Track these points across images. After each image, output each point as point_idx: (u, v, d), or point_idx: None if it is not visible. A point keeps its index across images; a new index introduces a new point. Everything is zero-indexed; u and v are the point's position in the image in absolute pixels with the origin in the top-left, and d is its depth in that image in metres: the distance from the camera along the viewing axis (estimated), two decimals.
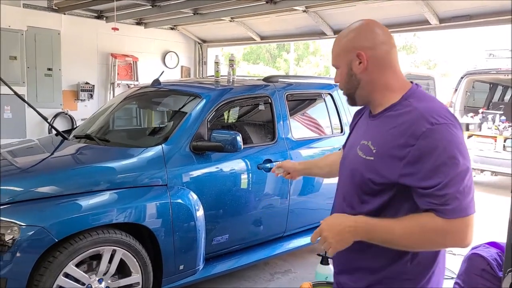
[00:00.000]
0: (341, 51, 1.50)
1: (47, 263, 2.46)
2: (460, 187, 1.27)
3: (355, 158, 1.47)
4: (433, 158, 1.27)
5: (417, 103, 1.37)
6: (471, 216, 1.30)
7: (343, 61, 1.49)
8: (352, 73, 1.47)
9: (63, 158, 3.25)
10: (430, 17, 5.16)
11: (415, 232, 1.31)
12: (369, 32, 1.47)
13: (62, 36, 6.96)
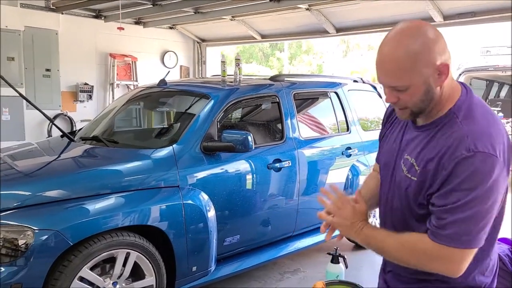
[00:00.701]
0: (411, 65, 1.22)
1: (62, 267, 2.43)
2: (464, 216, 1.19)
3: (401, 173, 1.37)
4: (455, 181, 1.19)
5: (464, 122, 1.25)
6: (469, 250, 1.22)
7: (417, 79, 1.23)
8: (431, 88, 1.25)
9: (73, 160, 3.21)
10: (434, 14, 5.17)
11: (406, 248, 1.28)
12: (437, 34, 1.25)
13: (60, 36, 6.89)
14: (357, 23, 6.32)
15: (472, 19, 5.07)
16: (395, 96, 1.28)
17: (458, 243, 1.21)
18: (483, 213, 1.20)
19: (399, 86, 1.26)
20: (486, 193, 1.18)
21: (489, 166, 1.18)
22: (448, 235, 1.21)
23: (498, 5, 4.83)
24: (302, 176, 3.65)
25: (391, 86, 1.27)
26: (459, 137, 1.22)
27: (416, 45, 1.21)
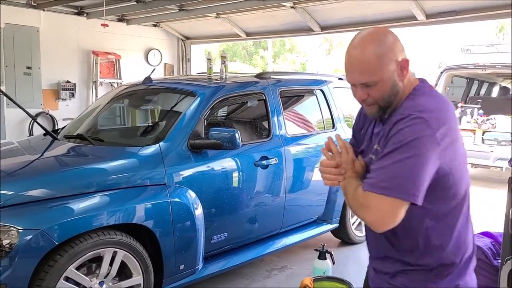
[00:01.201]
0: (379, 63, 1.37)
1: (47, 267, 2.39)
2: (387, 164, 1.29)
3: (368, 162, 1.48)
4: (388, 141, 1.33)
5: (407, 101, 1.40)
6: (388, 198, 1.27)
7: (385, 74, 1.38)
8: (395, 83, 1.40)
9: (58, 158, 3.16)
10: (417, 13, 5.23)
11: (353, 197, 1.38)
12: (394, 37, 1.43)
13: (41, 33, 6.78)
14: (341, 21, 6.36)
15: (454, 17, 5.14)
16: (365, 92, 1.41)
17: (375, 189, 1.29)
18: (405, 164, 1.27)
19: (369, 81, 1.38)
20: (409, 147, 1.27)
21: (417, 126, 1.29)
22: (369, 182, 1.32)
23: (479, 4, 4.92)
24: (288, 173, 3.67)
25: (362, 83, 1.40)
26: (400, 111, 1.37)
27: (380, 46, 1.37)
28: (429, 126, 1.29)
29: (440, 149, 1.29)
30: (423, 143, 1.27)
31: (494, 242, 3.25)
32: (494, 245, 3.22)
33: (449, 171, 1.35)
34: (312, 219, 4.21)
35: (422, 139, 1.28)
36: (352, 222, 4.50)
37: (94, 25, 7.17)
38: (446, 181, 1.36)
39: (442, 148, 1.30)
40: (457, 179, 1.39)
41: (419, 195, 1.27)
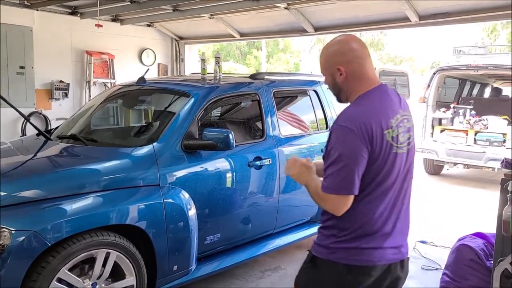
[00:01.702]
0: (326, 64, 1.87)
1: (40, 269, 2.39)
2: (333, 171, 1.72)
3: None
4: (328, 148, 1.76)
5: (347, 108, 1.82)
6: (338, 196, 1.73)
7: (328, 72, 1.87)
8: (335, 82, 1.85)
9: (51, 159, 3.14)
10: (410, 14, 5.26)
11: (313, 192, 1.83)
12: (347, 49, 1.82)
13: (34, 33, 6.73)
14: (335, 22, 6.37)
15: (446, 19, 5.17)
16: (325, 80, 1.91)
17: (329, 190, 1.74)
18: (339, 167, 1.70)
19: (322, 73, 1.91)
20: (339, 154, 1.70)
21: (342, 135, 1.71)
22: (324, 185, 1.76)
23: (471, 6, 4.95)
24: (282, 174, 3.67)
25: (321, 73, 1.92)
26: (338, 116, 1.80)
27: (333, 49, 1.86)
28: (354, 133, 1.69)
29: (361, 144, 1.70)
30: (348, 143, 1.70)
31: (486, 243, 3.28)
32: (486, 246, 3.25)
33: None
34: (306, 219, 4.22)
35: (351, 146, 1.70)
36: None
37: (88, 25, 7.14)
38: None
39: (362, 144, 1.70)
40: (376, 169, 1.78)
41: (356, 188, 1.73)
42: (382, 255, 1.81)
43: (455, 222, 5.78)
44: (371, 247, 1.80)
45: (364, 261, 1.79)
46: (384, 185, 1.79)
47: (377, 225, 1.81)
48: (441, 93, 9.29)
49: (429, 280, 3.84)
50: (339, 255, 1.81)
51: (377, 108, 1.77)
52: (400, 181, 1.88)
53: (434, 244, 4.88)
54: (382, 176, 1.77)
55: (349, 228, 1.81)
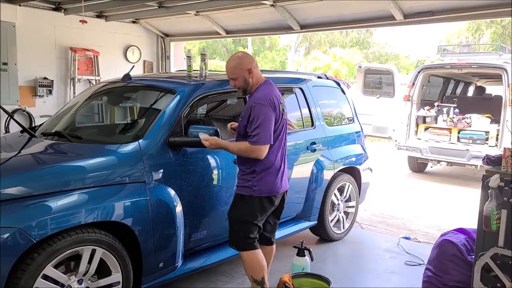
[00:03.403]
0: (239, 68, 2.93)
1: (25, 266, 2.37)
2: (258, 132, 2.80)
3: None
4: (251, 117, 2.83)
5: (255, 93, 2.96)
6: (264, 146, 2.84)
7: (241, 74, 2.94)
8: (247, 80, 2.96)
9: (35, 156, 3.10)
10: (395, 12, 5.31)
11: (241, 148, 2.92)
12: (251, 58, 3.06)
13: (17, 28, 6.62)
14: (321, 20, 6.40)
15: (431, 18, 5.24)
16: (233, 83, 3.00)
17: (256, 143, 2.82)
18: (263, 127, 2.81)
19: (232, 77, 2.99)
20: (262, 119, 2.82)
21: (261, 108, 2.84)
22: (253, 140, 2.82)
23: (455, 5, 5.02)
24: None
25: (230, 78, 3.00)
26: (253, 98, 2.93)
27: (241, 59, 2.99)
28: (266, 106, 2.85)
29: (272, 112, 2.87)
30: (266, 115, 2.83)
31: (468, 238, 3.34)
32: (468, 241, 3.31)
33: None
34: (291, 216, 4.26)
35: (266, 114, 2.84)
36: (330, 220, 4.56)
37: (72, 21, 7.05)
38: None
39: (272, 112, 2.87)
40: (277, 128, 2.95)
41: (272, 139, 2.88)
42: (280, 186, 3.04)
43: (438, 219, 5.88)
44: (277, 182, 2.99)
45: (274, 192, 2.99)
46: (279, 138, 2.97)
47: (277, 166, 2.99)
48: (425, 91, 9.41)
49: (412, 275, 3.91)
50: (258, 191, 2.94)
51: (272, 91, 2.96)
52: (284, 136, 3.06)
53: (417, 240, 4.96)
54: (278, 132, 2.95)
55: (262, 171, 2.93)
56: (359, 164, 4.88)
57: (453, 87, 10.63)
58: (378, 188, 6.66)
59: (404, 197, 7.21)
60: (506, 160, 2.65)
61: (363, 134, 5.22)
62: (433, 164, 8.90)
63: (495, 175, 2.58)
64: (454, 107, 8.79)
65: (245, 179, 2.97)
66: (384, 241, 4.83)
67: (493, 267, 2.64)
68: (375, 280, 3.87)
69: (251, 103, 2.85)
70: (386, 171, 8.96)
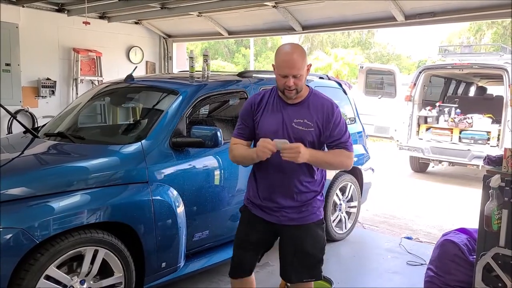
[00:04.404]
0: (304, 63, 2.25)
1: (27, 266, 2.39)
2: (345, 130, 2.39)
3: (297, 131, 2.31)
4: (337, 122, 2.34)
5: (324, 96, 2.41)
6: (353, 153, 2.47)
7: (304, 69, 2.25)
8: (305, 78, 2.30)
9: (38, 157, 3.12)
10: (396, 13, 5.32)
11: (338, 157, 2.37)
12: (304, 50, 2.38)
13: (20, 29, 6.65)
14: (322, 21, 6.41)
15: (432, 19, 5.24)
16: (293, 82, 2.22)
17: (352, 147, 2.42)
18: (347, 129, 2.40)
19: (299, 73, 2.22)
20: (343, 120, 2.39)
21: (340, 112, 2.39)
22: (350, 146, 2.40)
23: (456, 6, 5.02)
24: None
25: (295, 74, 2.22)
26: (328, 102, 2.38)
27: (303, 52, 2.28)
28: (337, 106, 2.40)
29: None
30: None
31: (469, 238, 3.35)
32: (469, 241, 3.32)
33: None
34: None
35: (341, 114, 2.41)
36: (332, 220, 4.57)
37: (75, 22, 7.07)
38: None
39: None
40: None
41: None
42: None
43: (440, 219, 5.88)
44: None
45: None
46: None
47: None
48: (427, 91, 9.41)
49: (414, 275, 3.91)
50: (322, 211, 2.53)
51: None
52: None
53: (419, 240, 4.96)
54: None
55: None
56: (361, 164, 4.88)
57: (455, 88, 10.62)
58: (380, 188, 6.66)
59: (406, 197, 7.21)
60: (506, 160, 2.65)
61: (365, 134, 5.23)
62: (435, 164, 8.89)
63: (496, 175, 2.58)
64: (455, 107, 8.79)
65: (313, 199, 2.43)
66: (386, 241, 4.84)
67: (495, 267, 2.65)
68: (377, 280, 3.88)
69: (330, 105, 2.34)
70: (388, 171, 8.96)
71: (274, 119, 2.35)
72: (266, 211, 2.44)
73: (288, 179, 2.37)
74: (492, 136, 7.94)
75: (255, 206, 2.48)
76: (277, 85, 2.32)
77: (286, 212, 2.40)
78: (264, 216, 2.45)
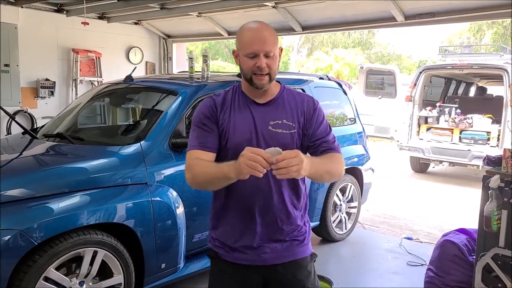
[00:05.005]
0: (275, 38, 1.72)
1: (26, 268, 2.38)
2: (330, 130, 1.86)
3: (276, 135, 1.75)
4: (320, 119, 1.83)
5: (298, 92, 1.90)
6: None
7: (276, 49, 1.72)
8: (277, 64, 1.74)
9: (37, 158, 3.12)
10: (396, 14, 5.32)
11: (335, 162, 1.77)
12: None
13: (19, 30, 6.65)
14: (322, 22, 6.41)
15: (432, 19, 5.25)
16: (266, 62, 1.67)
17: (339, 149, 1.84)
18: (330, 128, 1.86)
19: (271, 51, 1.68)
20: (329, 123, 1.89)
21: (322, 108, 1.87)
22: (335, 146, 1.81)
23: (456, 6, 5.02)
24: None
25: (267, 50, 1.67)
26: (309, 97, 1.87)
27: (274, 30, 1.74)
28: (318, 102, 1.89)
29: None
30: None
31: (469, 238, 3.35)
32: (469, 241, 3.31)
33: None
34: None
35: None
36: (332, 220, 4.56)
37: (74, 23, 7.07)
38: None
39: None
40: None
41: None
42: None
43: (440, 219, 5.87)
44: None
45: None
46: None
47: None
48: (427, 92, 9.41)
49: (414, 275, 3.90)
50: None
51: None
52: None
53: (419, 241, 4.95)
54: None
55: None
56: (361, 164, 4.88)
57: (455, 88, 10.62)
58: (380, 189, 6.65)
59: (406, 197, 7.20)
60: (506, 160, 2.65)
61: (365, 135, 5.22)
62: (435, 165, 8.89)
63: (495, 175, 2.58)
64: (455, 107, 8.79)
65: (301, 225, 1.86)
66: (386, 242, 4.83)
67: (494, 267, 2.64)
68: (377, 281, 3.87)
69: (311, 100, 1.84)
70: (388, 171, 8.95)
71: (244, 123, 1.75)
72: (245, 252, 1.78)
73: (271, 201, 1.76)
74: (492, 136, 7.94)
75: (230, 248, 1.81)
76: (243, 73, 1.73)
77: (274, 247, 1.79)
78: (244, 259, 1.79)
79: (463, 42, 25.39)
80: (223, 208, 1.85)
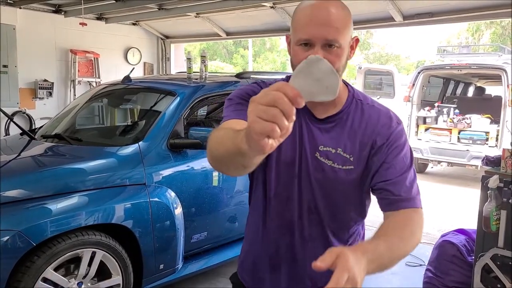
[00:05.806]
0: (345, 22, 1.14)
1: (24, 268, 2.38)
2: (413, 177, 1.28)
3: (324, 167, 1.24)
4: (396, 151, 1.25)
5: (375, 104, 1.30)
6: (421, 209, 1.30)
7: (346, 41, 1.14)
8: (346, 58, 1.18)
9: (35, 158, 3.12)
10: (394, 14, 5.32)
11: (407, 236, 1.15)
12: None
13: (17, 31, 6.63)
14: None
15: (430, 19, 5.25)
16: (323, 55, 1.04)
17: (420, 203, 1.23)
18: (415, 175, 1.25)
19: (336, 40, 1.12)
20: (411, 160, 1.25)
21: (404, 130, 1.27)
22: (417, 197, 1.21)
23: (454, 7, 5.03)
24: None
25: (329, 38, 1.11)
26: (383, 117, 1.26)
27: (348, 11, 1.17)
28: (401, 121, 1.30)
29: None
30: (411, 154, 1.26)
31: (468, 239, 3.35)
32: (468, 242, 3.32)
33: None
34: None
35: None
36: None
37: (72, 24, 7.06)
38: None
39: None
40: None
41: None
42: None
43: (439, 219, 5.87)
44: None
45: None
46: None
47: None
48: (425, 92, 9.42)
49: (413, 276, 3.90)
50: None
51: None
52: None
53: None
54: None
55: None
56: None
57: (453, 88, 10.63)
58: None
59: None
60: (505, 161, 2.65)
61: None
62: (434, 165, 8.89)
63: (494, 176, 2.58)
64: (454, 107, 8.80)
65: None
66: None
67: (493, 268, 2.65)
68: (375, 281, 3.86)
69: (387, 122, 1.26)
70: None
71: (293, 140, 1.25)
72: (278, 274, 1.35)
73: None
74: (490, 136, 7.95)
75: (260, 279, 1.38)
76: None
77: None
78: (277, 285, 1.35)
79: (462, 42, 25.43)
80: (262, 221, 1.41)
